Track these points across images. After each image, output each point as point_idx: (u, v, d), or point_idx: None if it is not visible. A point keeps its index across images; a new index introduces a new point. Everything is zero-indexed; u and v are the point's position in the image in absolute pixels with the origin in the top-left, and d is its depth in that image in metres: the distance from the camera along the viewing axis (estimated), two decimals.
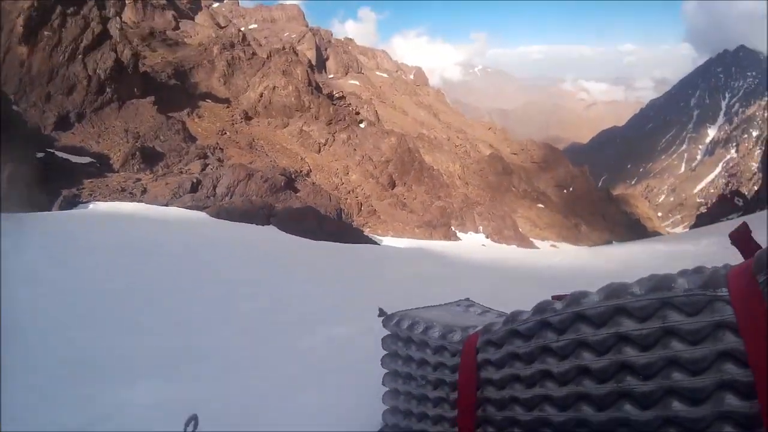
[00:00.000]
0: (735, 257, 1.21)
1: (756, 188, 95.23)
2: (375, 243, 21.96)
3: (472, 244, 34.14)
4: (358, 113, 45.32)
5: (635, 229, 68.86)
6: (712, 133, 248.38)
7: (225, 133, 33.06)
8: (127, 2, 41.32)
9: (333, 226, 20.28)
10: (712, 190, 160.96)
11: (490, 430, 1.43)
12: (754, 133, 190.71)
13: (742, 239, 1.22)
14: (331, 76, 69.06)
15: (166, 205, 18.94)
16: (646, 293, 1.05)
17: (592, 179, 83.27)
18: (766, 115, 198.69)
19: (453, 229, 35.64)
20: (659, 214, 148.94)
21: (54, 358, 3.20)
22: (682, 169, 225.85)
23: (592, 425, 1.14)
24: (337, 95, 48.02)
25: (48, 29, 25.33)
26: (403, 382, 1.83)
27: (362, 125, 41.95)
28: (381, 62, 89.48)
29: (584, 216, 60.61)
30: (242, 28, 59.10)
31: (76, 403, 2.57)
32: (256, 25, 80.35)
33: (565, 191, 64.95)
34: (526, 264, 14.81)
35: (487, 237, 38.56)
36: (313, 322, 4.89)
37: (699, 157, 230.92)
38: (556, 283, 8.98)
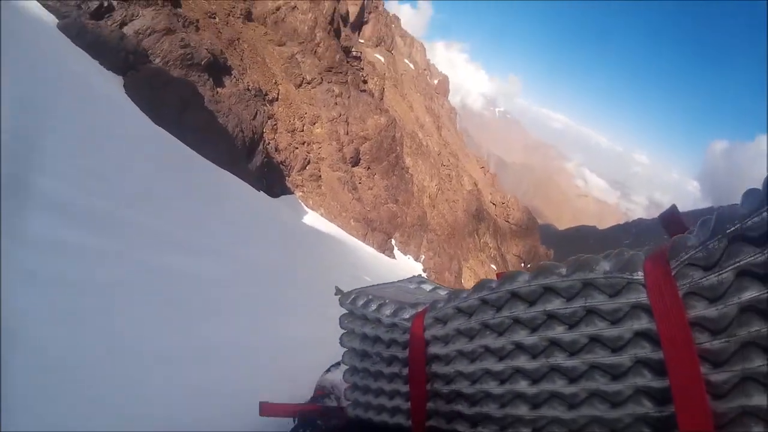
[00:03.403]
0: None
1: None
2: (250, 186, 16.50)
3: (405, 270, 29.87)
4: (365, 82, 40.22)
5: None
6: None
7: (214, 17, 27.32)
8: None
9: (202, 120, 14.53)
10: None
11: (440, 403, 1.45)
12: None
13: (671, 221, 1.29)
14: (362, 41, 63.70)
15: None
16: (569, 274, 1.11)
17: None
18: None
19: (393, 243, 31.09)
20: None
21: None
22: None
23: (527, 398, 1.20)
24: (354, 53, 42.79)
25: None
26: (361, 360, 1.76)
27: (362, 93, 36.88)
28: (414, 54, 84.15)
29: None
30: None
31: None
32: None
33: (522, 265, 61.89)
34: None
35: (424, 270, 34.32)
36: None
37: None
38: None
